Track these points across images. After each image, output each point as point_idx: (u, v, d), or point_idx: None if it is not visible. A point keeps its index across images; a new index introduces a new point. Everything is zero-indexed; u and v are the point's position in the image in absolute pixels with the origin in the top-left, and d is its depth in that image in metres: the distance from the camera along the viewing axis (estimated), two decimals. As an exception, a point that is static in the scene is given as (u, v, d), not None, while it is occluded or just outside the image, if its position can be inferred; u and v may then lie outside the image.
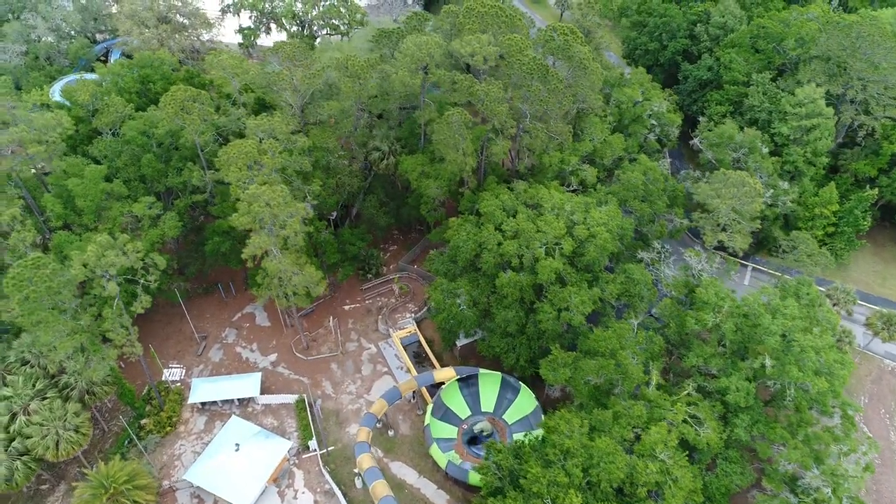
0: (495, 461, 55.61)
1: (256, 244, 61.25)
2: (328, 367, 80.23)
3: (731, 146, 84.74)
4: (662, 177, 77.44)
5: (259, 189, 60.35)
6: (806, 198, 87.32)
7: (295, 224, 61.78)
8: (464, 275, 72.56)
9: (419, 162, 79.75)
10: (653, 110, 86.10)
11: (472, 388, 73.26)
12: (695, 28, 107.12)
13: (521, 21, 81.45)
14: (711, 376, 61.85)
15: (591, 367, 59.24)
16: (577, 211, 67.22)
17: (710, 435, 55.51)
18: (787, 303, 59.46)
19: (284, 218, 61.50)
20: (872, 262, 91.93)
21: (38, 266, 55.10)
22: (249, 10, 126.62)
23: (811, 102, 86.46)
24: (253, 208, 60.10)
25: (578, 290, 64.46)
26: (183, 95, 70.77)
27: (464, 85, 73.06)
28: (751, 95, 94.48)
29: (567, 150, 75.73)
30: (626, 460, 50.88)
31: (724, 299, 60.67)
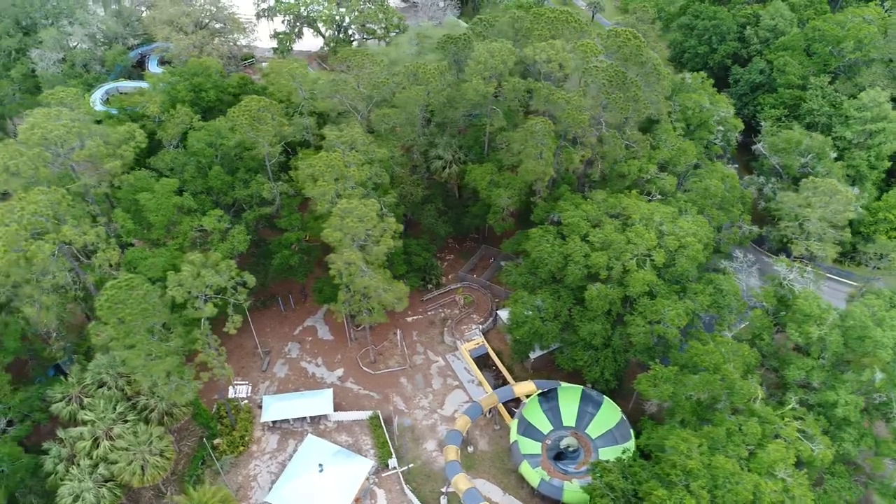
0: (606, 482, 54.14)
1: (347, 259, 59.33)
2: (397, 381, 78.53)
3: (798, 151, 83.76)
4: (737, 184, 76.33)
5: (352, 204, 58.54)
6: (869, 202, 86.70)
7: (388, 240, 60.02)
8: (543, 287, 70.99)
9: (487, 171, 78.18)
10: (720, 115, 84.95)
11: (551, 403, 71.85)
12: (744, 31, 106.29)
13: (590, 27, 80.00)
14: (811, 389, 60.72)
15: (695, 383, 57.93)
16: (665, 221, 65.89)
17: (824, 451, 54.37)
18: (893, 313, 58.43)
19: (378, 234, 59.68)
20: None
21: (132, 287, 53.08)
22: (284, 15, 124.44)
23: (876, 106, 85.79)
24: (346, 223, 58.24)
25: (673, 302, 63.14)
26: (256, 105, 68.88)
27: (542, 93, 71.64)
28: (809, 99, 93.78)
29: (643, 158, 74.39)
30: (753, 480, 49.60)
31: (827, 311, 59.59)
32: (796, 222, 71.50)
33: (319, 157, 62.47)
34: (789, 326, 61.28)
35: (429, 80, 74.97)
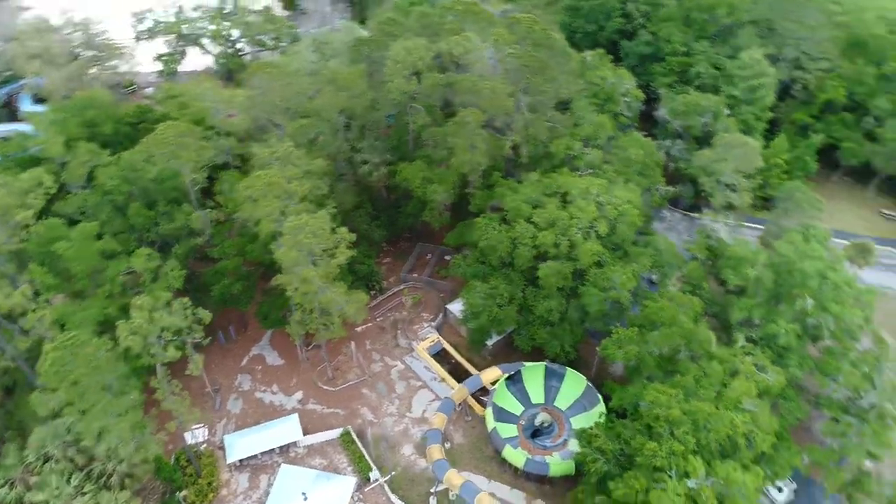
0: (596, 447, 56.17)
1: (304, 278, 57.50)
2: (360, 393, 77.16)
3: (697, 112, 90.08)
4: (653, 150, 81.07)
5: (302, 220, 56.72)
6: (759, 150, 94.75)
7: (343, 251, 58.76)
8: (495, 273, 72.19)
9: (419, 168, 78.33)
10: (625, 88, 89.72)
11: (518, 384, 73.30)
12: (626, 7, 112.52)
13: (495, 18, 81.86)
14: (754, 326, 65.79)
15: (656, 339, 61.24)
16: (601, 193, 68.93)
17: (779, 379, 59.25)
18: (812, 246, 64.50)
19: (332, 247, 58.26)
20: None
21: (79, 344, 48.71)
22: (165, 35, 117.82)
23: (756, 64, 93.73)
24: (300, 241, 56.38)
25: (620, 268, 66.26)
26: (174, 132, 64.98)
27: (465, 85, 72.59)
28: (695, 64, 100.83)
29: (567, 137, 77.28)
30: (728, 417, 53.21)
31: (758, 253, 64.83)
32: (713, 177, 76.98)
33: (257, 176, 60.01)
34: (725, 271, 66.14)
35: (349, 84, 73.93)
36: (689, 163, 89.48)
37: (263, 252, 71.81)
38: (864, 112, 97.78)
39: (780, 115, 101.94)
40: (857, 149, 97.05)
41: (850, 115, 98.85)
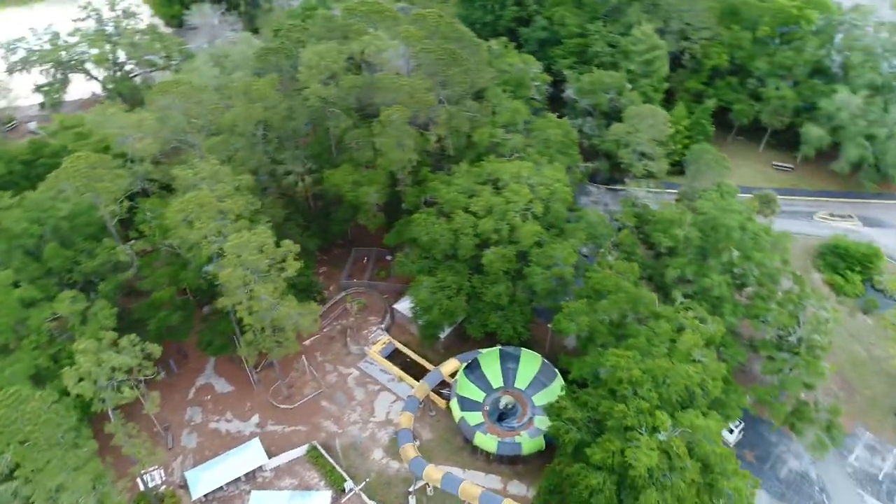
0: (567, 418, 58.14)
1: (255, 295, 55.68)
2: (319, 406, 75.71)
3: (603, 89, 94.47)
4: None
5: (243, 237, 54.79)
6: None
7: (292, 263, 57.28)
8: (440, 266, 72.79)
9: (347, 172, 77.52)
10: (533, 73, 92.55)
11: (476, 372, 74.37)
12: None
13: (401, 15, 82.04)
14: (688, 282, 70.18)
15: (605, 307, 64.08)
16: (531, 175, 71.01)
17: (718, 328, 63.64)
18: (729, 201, 69.55)
19: (280, 261, 56.69)
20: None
21: (20, 400, 44.93)
22: (42, 64, 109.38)
23: (648, 38, 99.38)
24: (245, 259, 54.48)
25: (561, 244, 68.67)
26: (86, 163, 60.85)
27: (385, 83, 72.42)
28: (593, 44, 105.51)
29: (489, 125, 78.89)
30: (683, 370, 56.62)
31: (683, 214, 69.13)
32: (629, 148, 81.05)
33: (188, 198, 57.27)
34: (656, 235, 70.10)
35: (263, 95, 71.95)
36: (602, 138, 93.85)
37: (197, 278, 69.20)
38: (747, 74, 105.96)
39: (674, 84, 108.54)
40: (746, 109, 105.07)
41: (735, 79, 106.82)
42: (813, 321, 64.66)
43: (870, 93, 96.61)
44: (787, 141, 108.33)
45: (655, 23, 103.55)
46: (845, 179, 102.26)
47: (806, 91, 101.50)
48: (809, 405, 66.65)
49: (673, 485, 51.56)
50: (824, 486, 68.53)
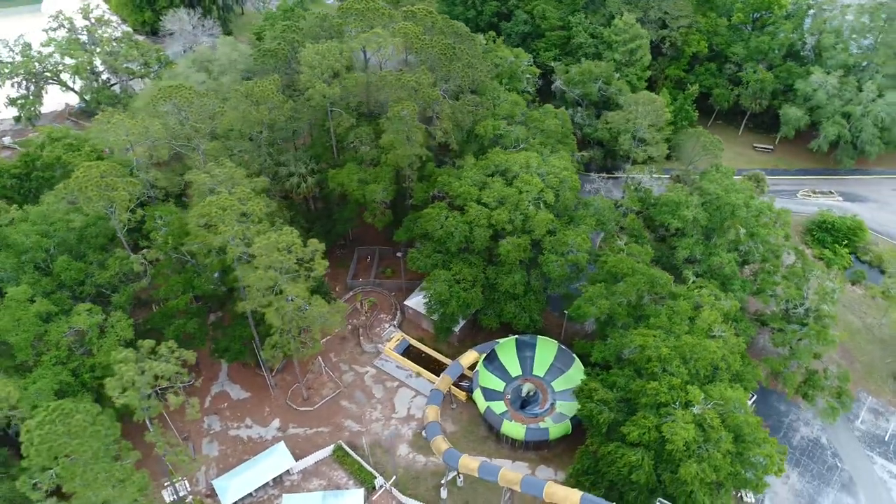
0: (599, 399, 59.44)
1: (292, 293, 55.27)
2: (339, 406, 75.46)
3: (592, 79, 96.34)
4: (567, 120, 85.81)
5: (270, 238, 54.36)
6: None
7: (320, 262, 57.05)
8: (454, 259, 73.32)
9: (352, 171, 77.32)
10: (525, 66, 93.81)
11: (495, 363, 75.10)
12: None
13: (394, 12, 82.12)
14: (697, 262, 72.31)
15: (623, 289, 65.60)
16: (540, 164, 72.14)
17: (733, 303, 65.87)
18: (732, 181, 71.92)
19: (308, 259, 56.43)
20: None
21: (67, 413, 43.88)
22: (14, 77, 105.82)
23: (630, 28, 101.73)
24: (274, 259, 54.07)
25: (574, 231, 69.99)
26: (98, 172, 59.44)
27: (389, 80, 72.52)
28: (575, 36, 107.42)
29: (490, 118, 79.72)
30: (708, 345, 58.49)
31: (690, 195, 71.22)
32: (628, 134, 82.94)
33: (210, 202, 56.40)
34: (665, 217, 72.01)
35: (266, 97, 71.32)
36: (595, 127, 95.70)
37: (210, 284, 68.37)
38: (725, 60, 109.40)
39: (655, 72, 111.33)
40: (725, 94, 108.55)
41: (714, 65, 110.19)
42: (820, 292, 67.38)
43: (843, 73, 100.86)
44: (765, 123, 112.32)
45: (635, 13, 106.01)
46: (824, 157, 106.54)
47: (782, 74, 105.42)
48: (819, 373, 69.43)
49: (710, 456, 53.25)
50: (836, 450, 71.49)
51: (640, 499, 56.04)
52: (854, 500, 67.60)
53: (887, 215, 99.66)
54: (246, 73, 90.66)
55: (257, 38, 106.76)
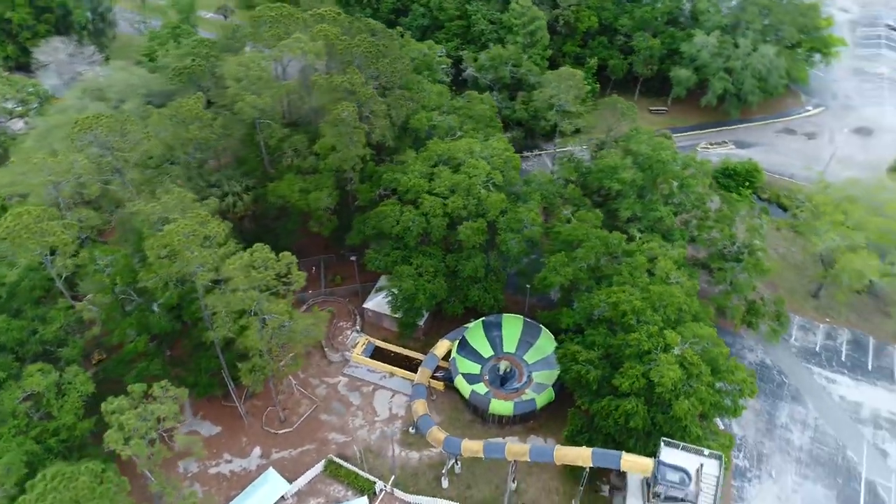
0: (584, 360, 62.33)
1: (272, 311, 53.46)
2: (320, 421, 73.84)
3: (502, 63, 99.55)
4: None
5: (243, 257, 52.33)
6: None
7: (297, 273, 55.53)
8: (413, 254, 73.68)
9: (292, 181, 75.58)
10: (439, 57, 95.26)
11: (466, 348, 76.25)
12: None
13: (306, 16, 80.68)
14: (639, 219, 77.08)
15: (583, 254, 68.96)
16: (483, 149, 74.00)
17: (680, 252, 71.12)
18: (653, 140, 77.31)
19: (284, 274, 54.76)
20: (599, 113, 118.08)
21: (68, 479, 40.38)
22: None
23: (528, 11, 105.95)
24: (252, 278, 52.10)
25: (525, 208, 72.55)
26: (32, 218, 54.38)
27: (320, 84, 71.43)
28: (476, 24, 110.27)
29: (423, 110, 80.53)
30: (673, 290, 62.93)
31: (624, 159, 75.78)
32: (554, 109, 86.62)
33: (170, 230, 53.15)
34: (604, 182, 76.17)
35: (194, 116, 68.14)
36: (513, 109, 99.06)
37: (167, 320, 64.80)
38: (615, 32, 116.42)
39: (554, 51, 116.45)
40: (619, 63, 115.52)
41: (605, 38, 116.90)
42: (749, 228, 74.18)
43: (720, 33, 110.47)
44: (656, 87, 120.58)
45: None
46: (713, 111, 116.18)
47: (667, 39, 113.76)
48: (758, 302, 76.48)
49: (696, 391, 57.49)
50: (780, 368, 79.03)
51: (639, 444, 59.36)
52: (804, 407, 75.19)
53: (775, 156, 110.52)
54: (148, 97, 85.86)
55: (149, 60, 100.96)
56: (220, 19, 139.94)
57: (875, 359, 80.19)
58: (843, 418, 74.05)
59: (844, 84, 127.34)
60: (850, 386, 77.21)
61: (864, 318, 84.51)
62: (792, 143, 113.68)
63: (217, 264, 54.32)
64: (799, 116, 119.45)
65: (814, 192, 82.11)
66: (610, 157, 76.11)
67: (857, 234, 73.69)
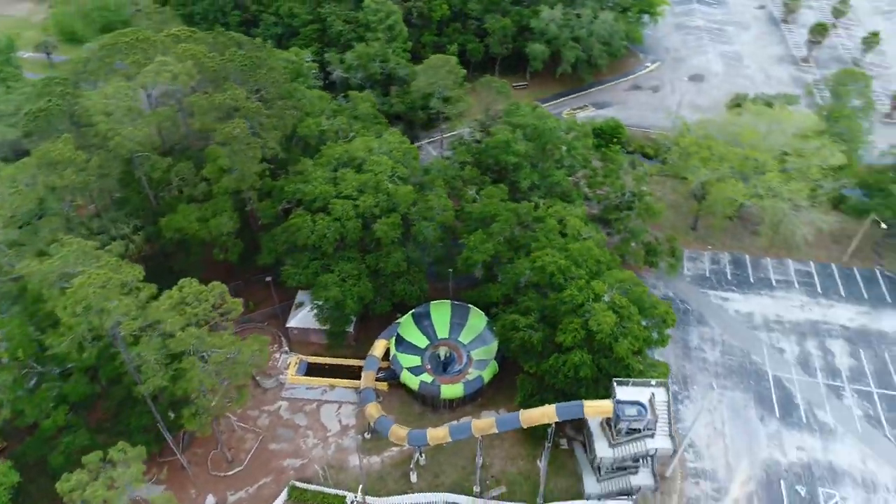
0: (525, 325, 65.11)
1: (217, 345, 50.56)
2: (270, 451, 70.96)
3: (370, 59, 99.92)
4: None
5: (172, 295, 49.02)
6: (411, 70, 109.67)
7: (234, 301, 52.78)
8: (331, 261, 72.57)
9: (187, 211, 71.42)
10: (307, 62, 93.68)
11: (403, 343, 76.42)
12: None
13: (161, 38, 76.06)
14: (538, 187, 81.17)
15: (498, 228, 71.65)
16: (381, 145, 74.28)
17: (582, 209, 76.14)
18: (541, 110, 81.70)
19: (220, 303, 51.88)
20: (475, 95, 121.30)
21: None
22: None
23: (382, 6, 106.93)
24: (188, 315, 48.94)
25: (433, 195, 73.92)
26: None
27: (200, 104, 67.89)
28: (332, 26, 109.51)
29: (309, 117, 79.04)
30: (589, 245, 67.34)
31: (514, 132, 79.28)
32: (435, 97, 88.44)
33: (82, 283, 48.23)
34: (501, 157, 79.26)
35: (67, 159, 62.31)
36: (390, 104, 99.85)
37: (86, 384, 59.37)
38: (467, 17, 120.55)
39: (412, 42, 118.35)
40: (477, 46, 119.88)
41: (459, 24, 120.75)
42: (635, 178, 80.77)
43: (562, 6, 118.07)
44: (514, 64, 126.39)
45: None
46: (569, 79, 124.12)
47: (516, 18, 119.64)
48: (653, 242, 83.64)
49: (630, 330, 62.19)
50: (682, 298, 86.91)
51: (589, 392, 63.12)
52: (709, 327, 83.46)
53: (629, 111, 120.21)
54: None
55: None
56: (44, 58, 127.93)
57: (754, 272, 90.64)
58: (742, 329, 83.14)
59: (671, 39, 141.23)
60: (740, 300, 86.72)
61: (738, 240, 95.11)
62: (641, 98, 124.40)
63: (139, 311, 50.32)
64: (642, 73, 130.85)
65: (678, 137, 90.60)
66: (501, 133, 79.29)
67: (723, 166, 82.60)
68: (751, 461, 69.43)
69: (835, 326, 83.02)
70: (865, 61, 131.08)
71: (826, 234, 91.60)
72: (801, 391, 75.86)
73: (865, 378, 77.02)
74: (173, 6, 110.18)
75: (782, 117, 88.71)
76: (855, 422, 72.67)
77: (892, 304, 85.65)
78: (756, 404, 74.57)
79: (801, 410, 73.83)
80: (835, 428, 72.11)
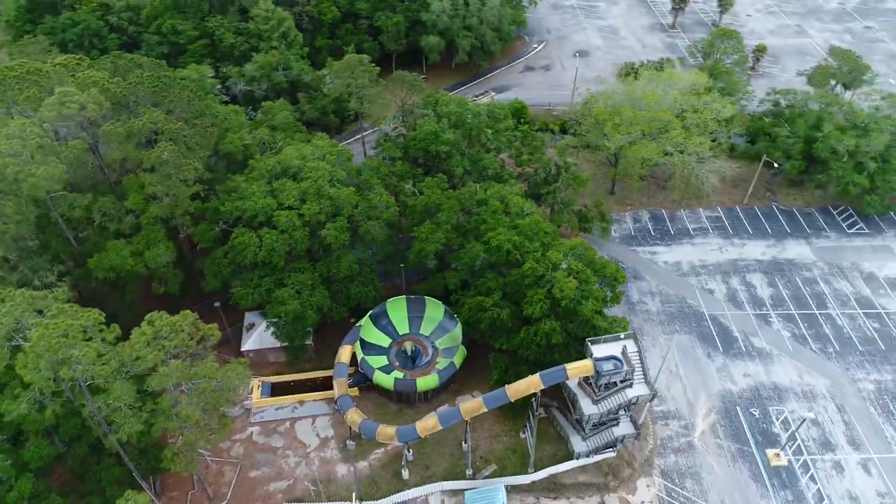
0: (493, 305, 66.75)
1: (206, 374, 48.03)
2: (252, 479, 68.24)
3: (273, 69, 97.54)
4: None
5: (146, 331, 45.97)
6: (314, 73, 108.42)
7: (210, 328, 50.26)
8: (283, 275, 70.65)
9: (118, 247, 66.95)
10: (209, 78, 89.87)
11: (367, 345, 75.70)
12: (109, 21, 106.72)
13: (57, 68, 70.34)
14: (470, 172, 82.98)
15: (444, 216, 72.76)
16: (314, 151, 73.04)
17: (518, 186, 79.02)
18: (461, 98, 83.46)
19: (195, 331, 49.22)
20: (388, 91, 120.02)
21: None
22: None
23: (272, 13, 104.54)
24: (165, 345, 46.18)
25: (375, 193, 73.78)
26: None
27: (115, 132, 63.58)
28: (223, 39, 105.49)
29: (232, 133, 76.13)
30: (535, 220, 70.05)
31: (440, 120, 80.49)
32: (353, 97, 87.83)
33: (41, 335, 44.07)
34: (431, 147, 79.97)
35: None
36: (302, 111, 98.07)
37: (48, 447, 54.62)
38: (357, 17, 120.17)
39: (309, 47, 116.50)
40: (372, 45, 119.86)
41: (350, 24, 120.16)
42: (559, 150, 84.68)
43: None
44: (410, 59, 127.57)
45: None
46: (467, 67, 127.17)
47: (407, 13, 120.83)
48: (584, 209, 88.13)
49: (589, 292, 65.55)
50: (615, 258, 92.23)
51: (563, 357, 65.87)
52: (645, 281, 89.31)
53: (528, 91, 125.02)
54: None
55: None
56: None
57: (672, 225, 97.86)
58: (673, 277, 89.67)
59: (551, 19, 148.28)
60: (666, 252, 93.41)
61: (652, 197, 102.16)
62: (536, 78, 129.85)
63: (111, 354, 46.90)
64: (531, 54, 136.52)
65: (586, 109, 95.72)
66: (427, 124, 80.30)
67: (634, 129, 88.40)
68: (707, 395, 75.38)
69: (750, 262, 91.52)
70: (722, 23, 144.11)
71: (727, 181, 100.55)
72: (735, 324, 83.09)
73: (786, 303, 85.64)
74: (42, 35, 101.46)
75: (674, 78, 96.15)
76: (785, 342, 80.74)
77: (792, 234, 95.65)
78: (701, 343, 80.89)
79: (740, 342, 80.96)
80: (770, 352, 79.73)
